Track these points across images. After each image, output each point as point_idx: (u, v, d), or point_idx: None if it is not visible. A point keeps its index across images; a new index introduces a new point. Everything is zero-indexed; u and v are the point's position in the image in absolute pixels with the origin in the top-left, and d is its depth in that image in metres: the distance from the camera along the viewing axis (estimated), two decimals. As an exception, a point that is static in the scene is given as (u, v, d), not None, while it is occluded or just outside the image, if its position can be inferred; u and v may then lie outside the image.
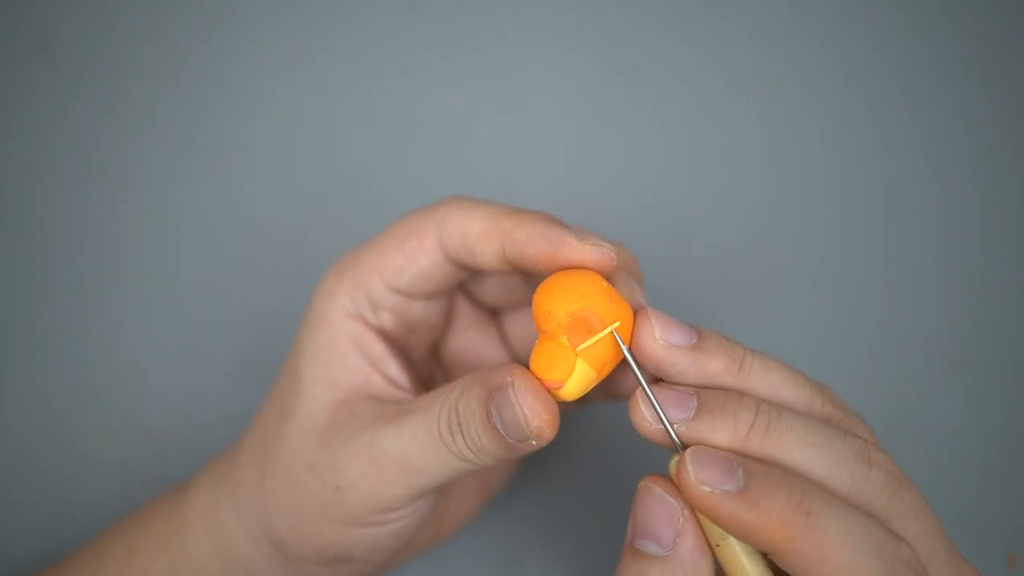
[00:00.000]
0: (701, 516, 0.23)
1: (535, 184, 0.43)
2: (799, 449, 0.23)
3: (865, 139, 0.44)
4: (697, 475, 0.22)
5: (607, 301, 0.25)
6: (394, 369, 0.30)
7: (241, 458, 0.31)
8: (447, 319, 0.32)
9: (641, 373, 0.25)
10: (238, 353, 0.41)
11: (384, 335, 0.30)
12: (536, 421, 0.25)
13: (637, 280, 0.29)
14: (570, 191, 0.43)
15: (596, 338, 0.25)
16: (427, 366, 0.33)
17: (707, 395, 0.24)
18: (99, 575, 0.32)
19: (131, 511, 0.34)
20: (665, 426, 0.24)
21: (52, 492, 0.40)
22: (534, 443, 0.25)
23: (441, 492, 0.30)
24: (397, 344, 0.30)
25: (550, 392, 0.25)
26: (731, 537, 0.23)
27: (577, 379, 0.25)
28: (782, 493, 0.22)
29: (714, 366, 0.25)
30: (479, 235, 0.27)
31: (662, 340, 0.25)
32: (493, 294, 0.32)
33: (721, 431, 0.23)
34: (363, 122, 0.44)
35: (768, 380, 0.25)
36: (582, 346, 0.25)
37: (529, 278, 0.31)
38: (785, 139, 0.44)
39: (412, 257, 0.28)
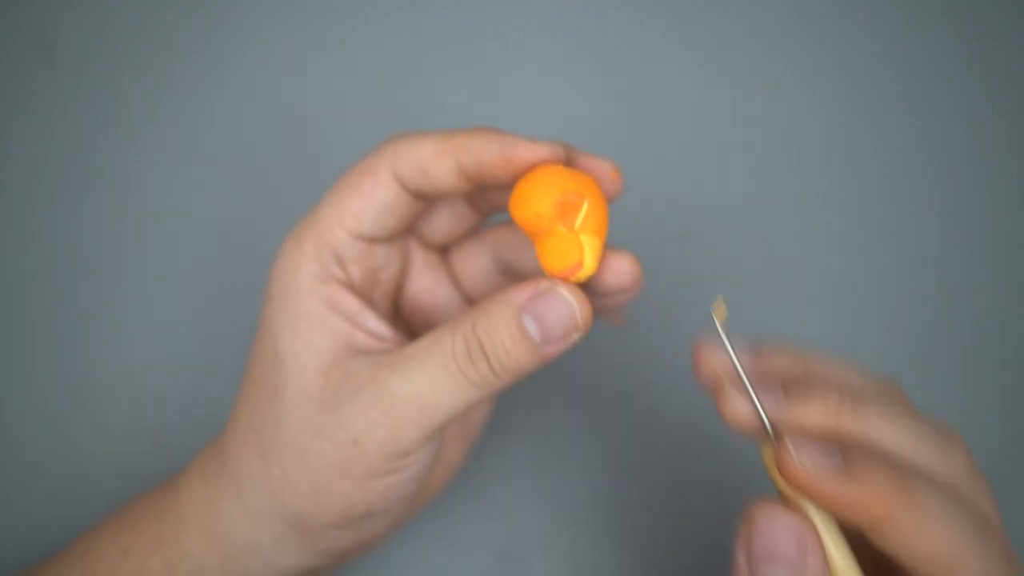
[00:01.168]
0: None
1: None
2: (886, 427, 0.24)
3: (865, 139, 0.44)
4: (800, 457, 0.23)
5: (572, 178, 0.27)
6: (372, 321, 0.30)
7: (233, 450, 0.30)
8: (404, 266, 0.33)
9: (739, 362, 0.25)
10: (238, 353, 0.41)
11: (355, 290, 0.30)
12: (585, 311, 0.27)
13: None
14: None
15: (582, 213, 0.26)
16: (391, 320, 0.33)
17: (792, 384, 0.25)
18: (93, 574, 0.31)
19: (117, 510, 0.34)
20: (761, 416, 0.25)
21: (52, 492, 0.40)
22: (577, 337, 0.27)
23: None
24: (366, 299, 0.30)
25: (570, 279, 0.27)
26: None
27: (590, 252, 0.27)
28: (882, 470, 0.23)
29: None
30: (433, 155, 0.28)
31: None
32: (444, 228, 0.32)
33: (811, 413, 0.24)
34: (364, 121, 0.44)
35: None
36: (578, 222, 0.26)
37: (479, 202, 0.32)
38: (785, 139, 0.44)
39: (371, 195, 0.28)
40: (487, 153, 0.27)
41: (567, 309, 0.27)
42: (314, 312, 0.29)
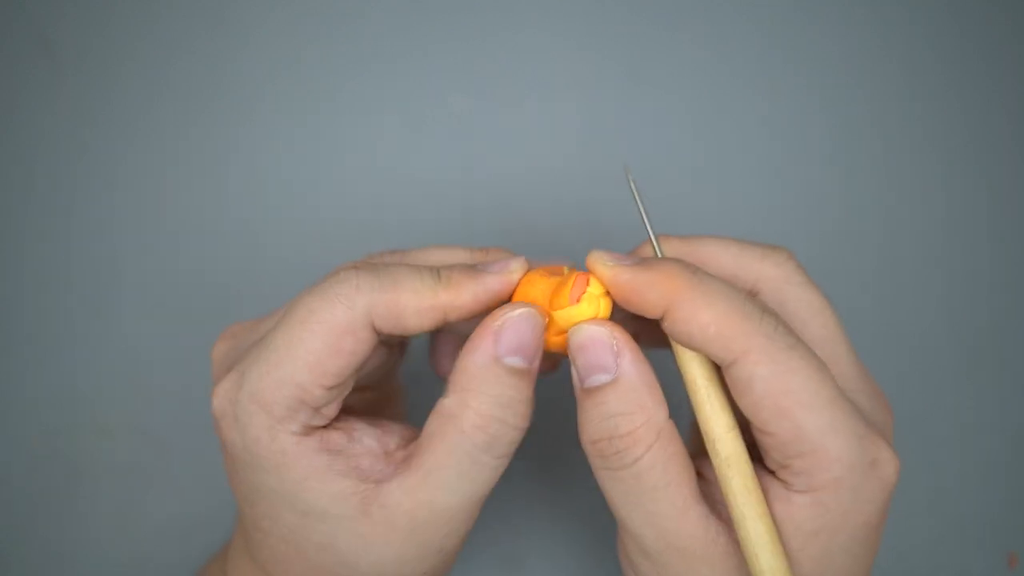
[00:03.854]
0: None
1: (534, 184, 0.43)
2: (711, 243, 0.30)
3: (867, 138, 0.44)
4: (602, 256, 0.27)
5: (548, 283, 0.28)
6: (366, 439, 0.29)
7: None
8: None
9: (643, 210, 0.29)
10: (238, 353, 0.41)
11: (334, 423, 0.29)
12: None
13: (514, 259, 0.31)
14: (569, 191, 0.43)
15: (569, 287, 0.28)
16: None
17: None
18: None
19: None
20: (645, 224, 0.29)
21: (51, 493, 0.40)
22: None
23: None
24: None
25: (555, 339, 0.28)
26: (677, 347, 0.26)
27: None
28: (671, 261, 0.26)
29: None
30: (416, 313, 0.27)
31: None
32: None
33: (646, 249, 0.30)
34: (363, 121, 0.44)
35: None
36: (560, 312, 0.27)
37: None
38: (786, 139, 0.44)
39: (353, 353, 0.27)
40: (468, 305, 0.27)
41: (530, 323, 0.27)
42: (318, 467, 0.27)
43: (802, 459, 0.25)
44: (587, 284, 0.27)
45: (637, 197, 0.29)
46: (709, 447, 0.26)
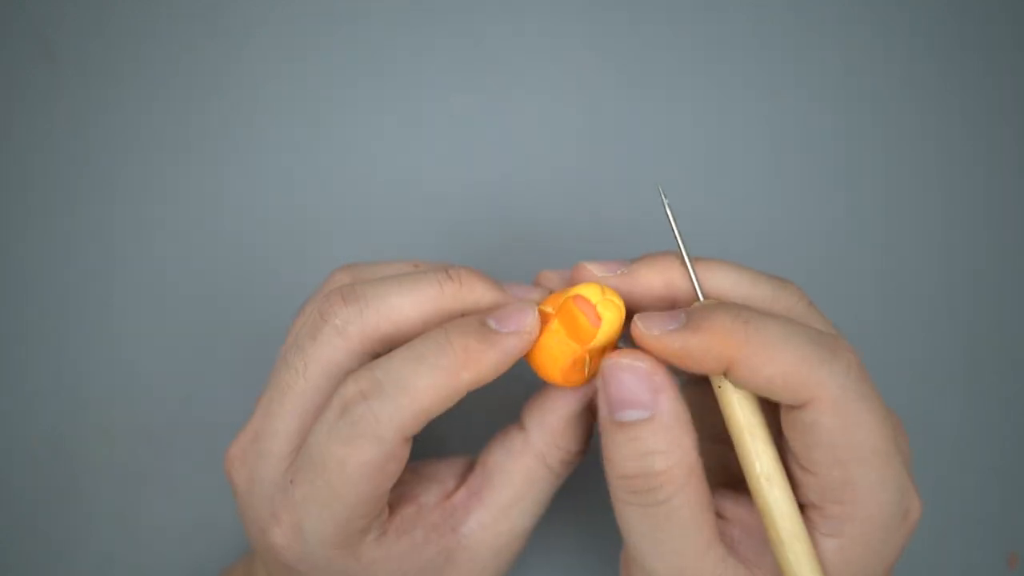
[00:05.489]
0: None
1: (535, 184, 0.43)
2: (720, 272, 0.27)
3: (867, 138, 0.44)
4: (646, 326, 0.25)
5: (567, 346, 0.27)
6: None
7: None
8: None
9: (683, 245, 0.28)
10: (238, 353, 0.41)
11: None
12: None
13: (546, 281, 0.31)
14: (570, 191, 0.43)
15: (587, 362, 0.27)
16: None
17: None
18: None
19: None
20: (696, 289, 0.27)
21: (51, 493, 0.40)
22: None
23: None
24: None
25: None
26: (724, 381, 0.25)
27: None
28: (719, 312, 0.24)
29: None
30: (441, 407, 0.26)
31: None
32: None
33: (651, 271, 0.28)
34: (363, 121, 0.44)
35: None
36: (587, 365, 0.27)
37: None
38: (786, 139, 0.44)
39: (399, 467, 0.26)
40: (487, 378, 0.26)
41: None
42: (405, 551, 0.28)
43: (841, 507, 0.24)
44: (588, 302, 0.26)
45: (674, 224, 0.28)
46: (752, 482, 0.25)
